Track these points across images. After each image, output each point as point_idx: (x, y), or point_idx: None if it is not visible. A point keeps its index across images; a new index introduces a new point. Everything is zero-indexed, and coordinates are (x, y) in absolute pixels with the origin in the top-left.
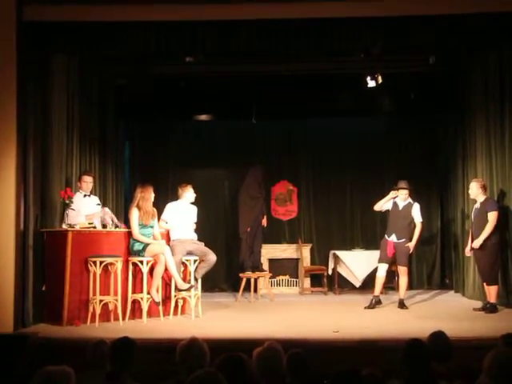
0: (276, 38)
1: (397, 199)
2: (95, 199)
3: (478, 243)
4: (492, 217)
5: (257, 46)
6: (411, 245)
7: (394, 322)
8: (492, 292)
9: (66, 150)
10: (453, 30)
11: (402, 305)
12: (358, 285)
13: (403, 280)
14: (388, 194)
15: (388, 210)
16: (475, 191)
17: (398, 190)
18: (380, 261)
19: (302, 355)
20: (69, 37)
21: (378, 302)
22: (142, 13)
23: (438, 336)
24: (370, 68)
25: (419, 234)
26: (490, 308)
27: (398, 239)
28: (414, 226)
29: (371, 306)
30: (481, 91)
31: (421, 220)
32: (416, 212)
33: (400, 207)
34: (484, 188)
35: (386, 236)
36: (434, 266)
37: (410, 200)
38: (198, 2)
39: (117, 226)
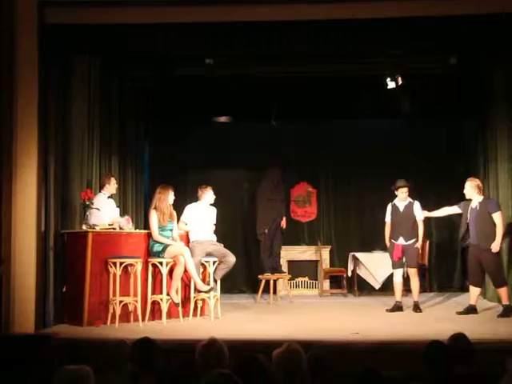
0: (297, 39)
1: (395, 200)
2: (113, 201)
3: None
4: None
5: (277, 47)
6: (419, 245)
7: (414, 324)
8: (503, 294)
9: (86, 152)
10: (474, 30)
11: (416, 308)
12: (377, 287)
13: (414, 281)
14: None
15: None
16: (469, 191)
17: (396, 189)
18: (394, 266)
19: (322, 356)
20: (90, 39)
21: (400, 308)
22: (163, 15)
23: (459, 338)
24: (390, 69)
25: (423, 232)
26: (503, 312)
27: (406, 241)
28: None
29: (392, 310)
30: (504, 92)
31: (422, 218)
32: (417, 210)
33: (401, 208)
34: (479, 188)
35: (392, 240)
36: (455, 269)
37: (409, 199)
38: (219, 3)
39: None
